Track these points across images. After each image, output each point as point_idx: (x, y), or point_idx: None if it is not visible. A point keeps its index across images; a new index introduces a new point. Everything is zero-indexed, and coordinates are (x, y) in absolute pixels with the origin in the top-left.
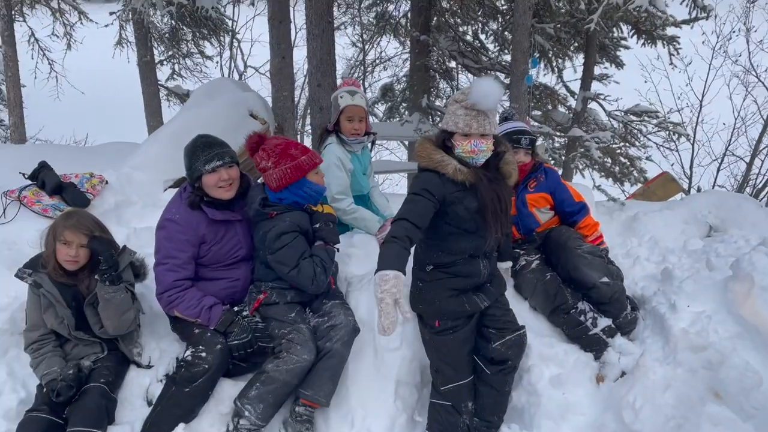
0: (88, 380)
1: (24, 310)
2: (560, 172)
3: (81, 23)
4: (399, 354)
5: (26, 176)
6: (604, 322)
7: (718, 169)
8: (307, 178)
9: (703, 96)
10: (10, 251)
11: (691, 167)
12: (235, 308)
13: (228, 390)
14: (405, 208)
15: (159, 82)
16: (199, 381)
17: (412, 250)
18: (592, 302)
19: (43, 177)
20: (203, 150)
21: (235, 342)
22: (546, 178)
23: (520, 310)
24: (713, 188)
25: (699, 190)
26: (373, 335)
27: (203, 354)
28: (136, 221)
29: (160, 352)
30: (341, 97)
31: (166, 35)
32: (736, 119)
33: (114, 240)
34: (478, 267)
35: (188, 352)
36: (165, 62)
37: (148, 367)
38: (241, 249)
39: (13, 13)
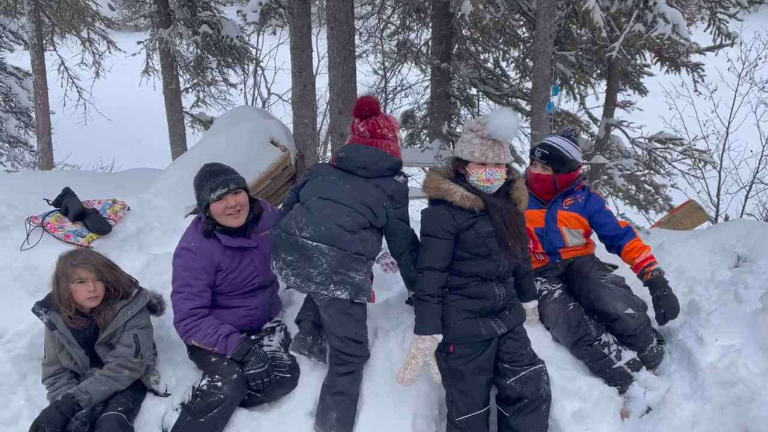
0: (106, 408)
1: (43, 336)
2: None
3: (109, 52)
4: (416, 386)
5: (50, 202)
6: (628, 355)
7: (746, 197)
8: None
9: (729, 123)
10: (32, 276)
11: (718, 195)
12: (252, 337)
13: (244, 420)
14: (426, 255)
15: (184, 109)
16: (215, 411)
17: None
18: (616, 334)
19: (66, 203)
20: (208, 179)
21: (252, 372)
22: (587, 201)
23: (542, 341)
24: (741, 216)
25: (727, 218)
26: (390, 366)
27: (219, 384)
28: (156, 247)
29: (177, 380)
30: None
31: (192, 63)
32: (764, 146)
33: (125, 275)
34: (493, 290)
35: (204, 381)
36: (190, 90)
37: (166, 395)
38: (257, 276)
39: (44, 42)
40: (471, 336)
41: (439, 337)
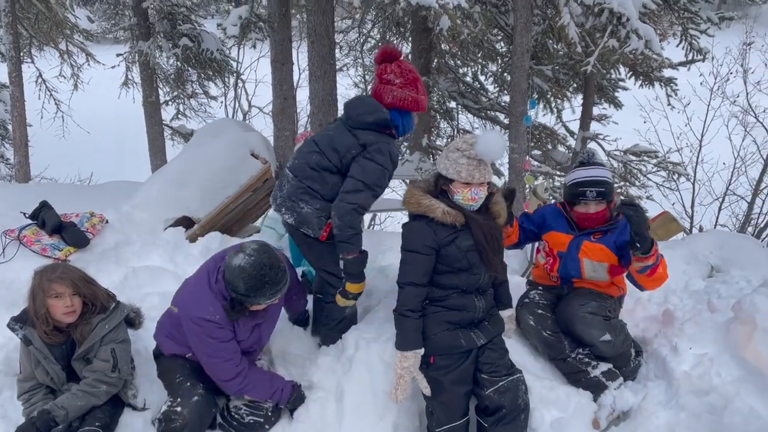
0: (83, 423)
1: (19, 352)
2: None
3: (88, 65)
4: None
5: (27, 216)
6: (604, 365)
7: (720, 209)
8: (412, 115)
9: (702, 136)
10: (8, 291)
11: (692, 206)
12: None
13: None
14: (408, 270)
15: (164, 122)
16: None
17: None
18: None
19: (43, 216)
20: (270, 287)
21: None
22: (621, 233)
23: (521, 351)
24: (715, 227)
25: (701, 229)
26: (371, 377)
27: (179, 408)
28: (134, 260)
29: (155, 394)
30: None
31: (172, 76)
32: (735, 159)
33: (102, 289)
34: (473, 302)
35: (164, 407)
36: (170, 102)
37: (143, 409)
38: (257, 343)
39: (21, 54)
40: (451, 347)
41: (421, 351)
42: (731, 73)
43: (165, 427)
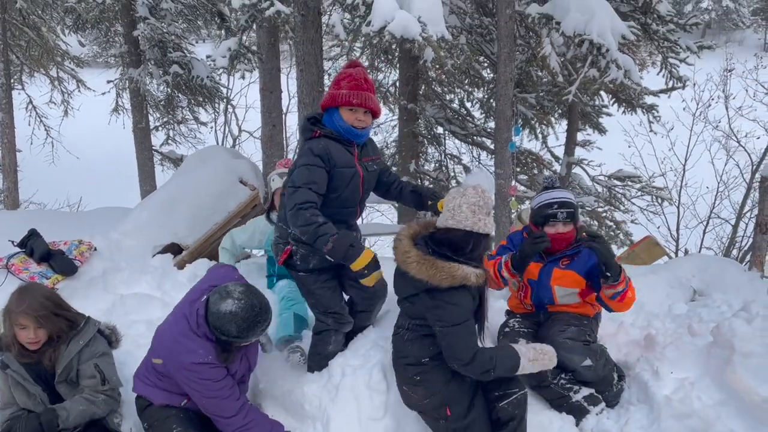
0: None
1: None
2: None
3: (79, 91)
4: (382, 424)
5: (15, 244)
6: (586, 390)
7: (704, 232)
8: (339, 111)
9: (686, 160)
10: None
11: (678, 230)
12: None
13: None
14: (465, 339)
15: (153, 148)
16: None
17: (392, 352)
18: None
19: (31, 244)
20: (261, 324)
21: None
22: (589, 257)
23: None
24: (700, 251)
25: (686, 252)
26: (357, 404)
27: None
28: (123, 288)
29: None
30: (273, 180)
31: (162, 102)
32: (719, 183)
33: (72, 313)
34: None
35: None
36: (160, 128)
37: None
38: (248, 370)
39: (12, 81)
40: (462, 393)
41: (512, 349)
42: (713, 99)
43: None
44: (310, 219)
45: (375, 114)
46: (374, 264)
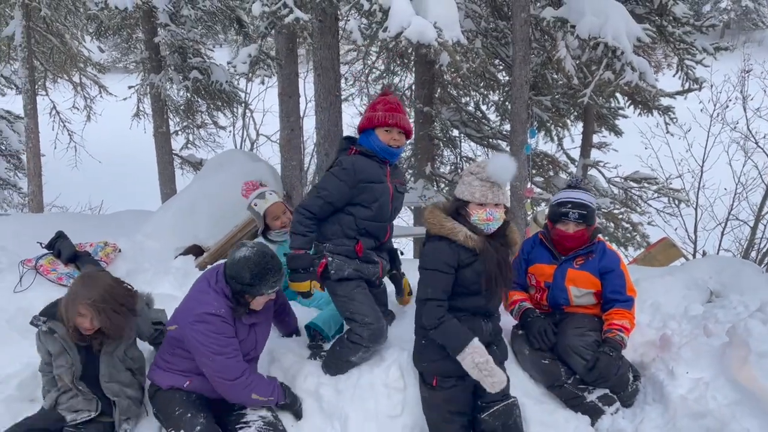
0: None
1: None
2: None
3: (101, 96)
4: (400, 421)
5: (43, 245)
6: (600, 390)
7: (722, 234)
8: (376, 132)
9: (703, 162)
10: (25, 319)
11: (695, 232)
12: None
13: None
14: (428, 286)
15: (173, 152)
16: None
17: (415, 309)
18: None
19: (59, 246)
20: (273, 275)
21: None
22: (601, 259)
23: (522, 377)
24: (718, 253)
25: (704, 254)
26: (375, 402)
27: None
28: (146, 288)
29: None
30: (256, 205)
31: (182, 107)
32: (737, 184)
33: (133, 295)
34: (480, 325)
35: None
36: (180, 132)
37: None
38: (254, 350)
39: (36, 87)
40: (457, 370)
41: (475, 341)
42: (731, 100)
43: None
44: (297, 225)
45: (408, 135)
46: (306, 294)
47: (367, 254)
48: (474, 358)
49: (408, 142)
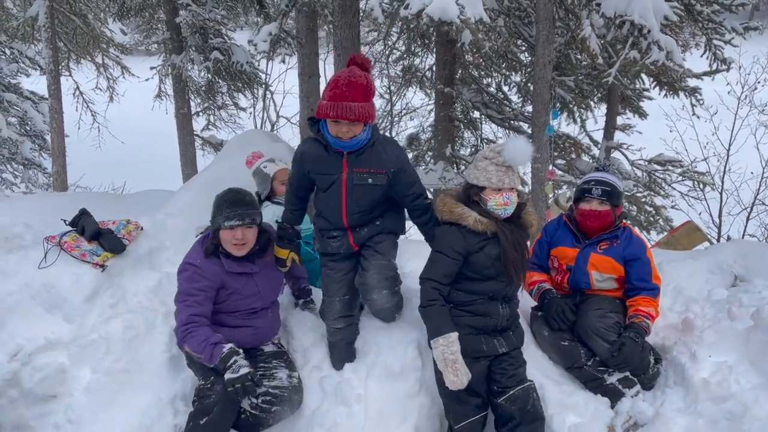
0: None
1: None
2: None
3: (123, 77)
4: (418, 401)
5: (67, 223)
6: (620, 373)
7: (748, 218)
8: (326, 121)
9: (730, 145)
10: (49, 294)
11: (720, 216)
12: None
13: None
14: (432, 269)
15: (195, 133)
16: (214, 413)
17: None
18: None
19: (82, 223)
20: (229, 206)
21: (230, 376)
22: (626, 246)
23: (542, 359)
24: (743, 237)
25: (729, 239)
26: (392, 382)
27: (210, 385)
28: (168, 266)
29: None
30: (265, 167)
31: (203, 88)
32: (764, 168)
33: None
34: (497, 309)
35: (199, 384)
36: (201, 113)
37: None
38: (257, 300)
39: (60, 68)
40: (474, 351)
41: (452, 335)
42: (759, 82)
43: (201, 402)
44: (286, 197)
45: (365, 121)
46: (282, 263)
47: (328, 232)
48: (445, 351)
49: (428, 123)
